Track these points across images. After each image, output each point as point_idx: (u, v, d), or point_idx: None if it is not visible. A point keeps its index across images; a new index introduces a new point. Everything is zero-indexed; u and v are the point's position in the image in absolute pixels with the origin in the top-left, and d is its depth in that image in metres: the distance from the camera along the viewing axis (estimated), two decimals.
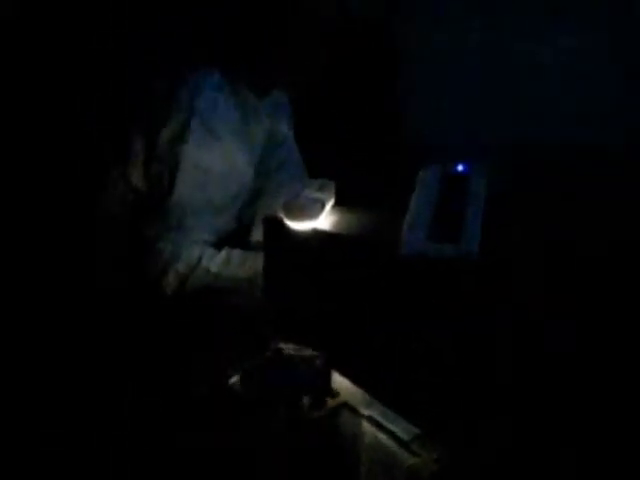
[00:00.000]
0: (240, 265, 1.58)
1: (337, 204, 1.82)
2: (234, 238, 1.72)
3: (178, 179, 1.58)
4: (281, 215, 1.73)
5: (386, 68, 2.07)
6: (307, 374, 1.13)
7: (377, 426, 1.09)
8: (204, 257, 1.57)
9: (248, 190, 1.75)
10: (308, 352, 1.24)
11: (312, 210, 1.76)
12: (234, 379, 1.15)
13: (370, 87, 2.05)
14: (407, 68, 2.10)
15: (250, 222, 1.75)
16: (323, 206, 1.78)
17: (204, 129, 1.60)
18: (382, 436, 1.07)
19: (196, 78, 1.61)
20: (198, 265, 1.56)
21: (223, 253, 1.59)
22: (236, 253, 1.60)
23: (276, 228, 1.62)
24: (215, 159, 1.62)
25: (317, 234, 1.69)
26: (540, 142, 1.98)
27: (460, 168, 1.78)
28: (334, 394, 1.14)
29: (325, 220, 1.77)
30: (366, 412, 1.11)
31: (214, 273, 1.56)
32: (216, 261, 1.58)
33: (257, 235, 1.67)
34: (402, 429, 1.07)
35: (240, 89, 1.67)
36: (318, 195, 1.79)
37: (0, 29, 1.66)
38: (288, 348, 1.25)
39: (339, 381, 1.18)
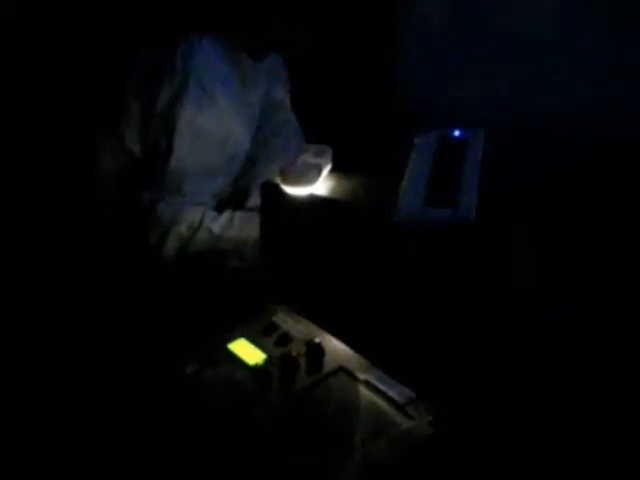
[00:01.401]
0: (242, 226, 1.58)
1: (334, 170, 1.82)
2: (231, 203, 1.73)
3: (176, 142, 1.58)
4: (278, 181, 1.73)
5: (384, 34, 2.06)
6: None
7: (373, 390, 1.10)
8: (206, 219, 1.57)
9: (245, 154, 1.74)
10: (303, 322, 1.25)
11: (309, 176, 1.76)
12: (191, 368, 1.16)
13: (368, 52, 2.04)
14: (406, 33, 2.08)
15: (247, 187, 1.75)
16: (320, 172, 1.78)
17: (200, 91, 1.59)
18: (378, 400, 1.08)
19: (190, 42, 1.60)
20: (200, 226, 1.56)
21: (226, 214, 1.59)
22: (238, 214, 1.60)
23: (273, 193, 1.62)
24: (212, 122, 1.62)
25: (314, 200, 1.69)
26: (538, 109, 1.98)
27: (457, 133, 1.78)
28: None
29: (322, 186, 1.77)
30: (362, 376, 1.12)
31: (217, 234, 1.56)
32: (219, 222, 1.57)
33: (254, 200, 1.67)
34: (398, 393, 1.08)
35: (235, 53, 1.67)
36: (315, 161, 1.79)
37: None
38: (282, 317, 1.26)
39: (336, 346, 1.19)
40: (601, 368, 1.17)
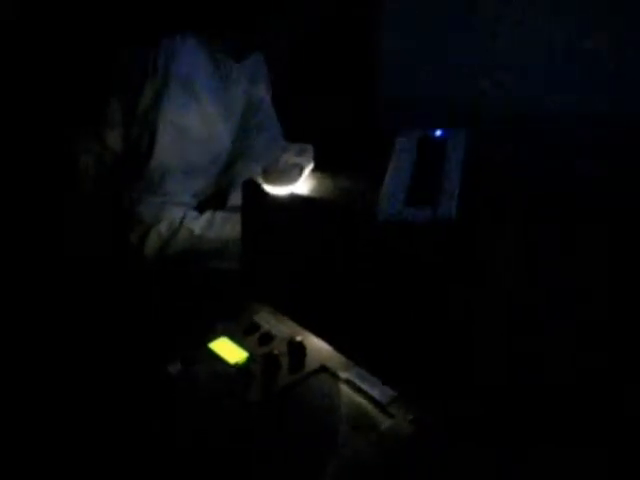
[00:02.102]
0: (223, 226, 1.58)
1: (316, 169, 1.82)
2: (212, 202, 1.72)
3: (157, 142, 1.57)
4: (260, 180, 1.73)
5: (367, 33, 2.06)
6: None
7: (355, 389, 1.10)
8: (186, 219, 1.56)
9: (227, 153, 1.74)
10: (285, 321, 1.25)
11: (291, 175, 1.76)
12: (173, 367, 1.16)
13: (349, 51, 2.04)
14: (389, 28, 2.08)
15: (228, 186, 1.75)
16: (302, 171, 1.78)
17: (182, 91, 1.59)
18: (360, 398, 1.08)
19: (172, 42, 1.59)
20: (181, 226, 1.55)
21: (206, 214, 1.59)
22: (219, 215, 1.59)
23: (255, 193, 1.63)
24: (195, 122, 1.61)
25: (295, 199, 1.69)
26: (522, 108, 1.98)
27: (438, 133, 1.79)
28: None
29: (303, 185, 1.78)
30: (344, 375, 1.12)
31: (197, 235, 1.55)
32: (199, 222, 1.57)
33: (235, 199, 1.67)
34: (379, 391, 1.08)
35: (217, 53, 1.66)
36: (297, 160, 1.80)
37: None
38: (263, 316, 1.26)
39: (318, 344, 1.19)
40: (600, 368, 1.18)
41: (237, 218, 1.57)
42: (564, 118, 1.83)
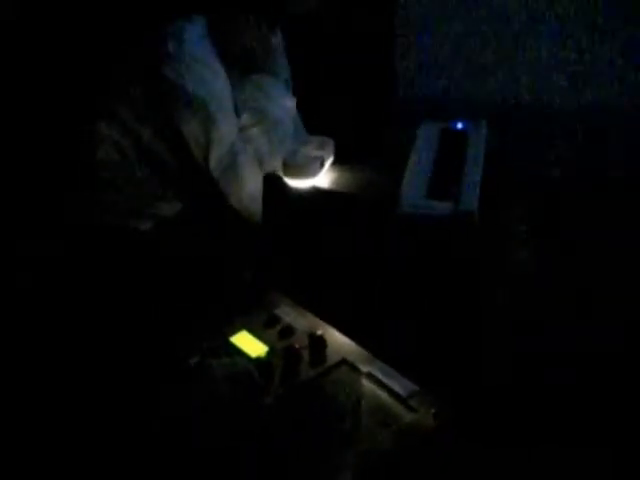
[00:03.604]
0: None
1: (336, 161, 1.82)
2: None
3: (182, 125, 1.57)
4: (280, 173, 1.73)
5: (384, 24, 2.05)
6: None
7: (376, 383, 1.09)
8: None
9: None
10: (305, 314, 1.25)
11: (311, 168, 1.76)
12: (194, 361, 1.15)
13: (369, 43, 2.03)
14: (405, 23, 2.08)
15: None
16: (322, 164, 1.78)
17: (199, 67, 1.58)
18: (381, 393, 1.08)
19: (180, 27, 1.59)
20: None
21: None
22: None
23: (276, 186, 1.62)
24: (223, 91, 1.61)
25: (316, 192, 1.69)
26: (539, 100, 1.98)
27: (459, 125, 1.78)
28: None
29: (324, 178, 1.77)
30: (365, 369, 1.12)
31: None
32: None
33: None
34: (400, 385, 1.08)
35: (227, 36, 1.65)
36: (317, 153, 1.79)
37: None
38: (284, 310, 1.26)
39: (338, 338, 1.18)
40: (602, 366, 1.18)
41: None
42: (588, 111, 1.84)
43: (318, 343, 1.16)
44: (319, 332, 1.17)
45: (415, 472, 0.98)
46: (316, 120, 1.86)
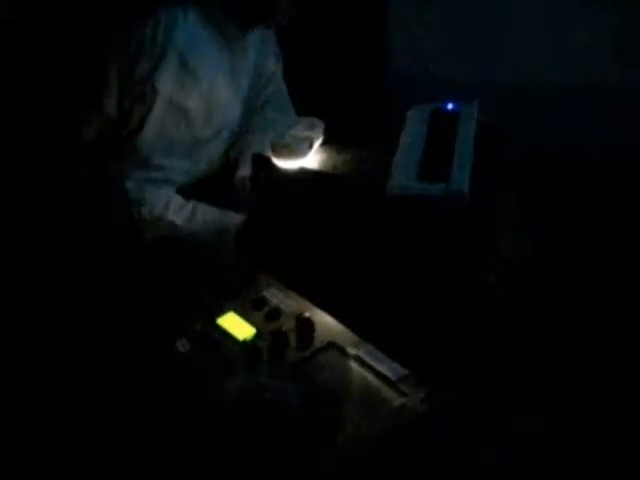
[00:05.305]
0: (204, 220, 1.56)
1: (325, 142, 1.80)
2: (221, 173, 1.71)
3: (149, 116, 1.54)
4: (269, 153, 1.71)
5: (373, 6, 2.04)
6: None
7: (364, 366, 1.08)
8: (170, 208, 1.54)
9: (236, 123, 1.72)
10: (293, 296, 1.23)
11: (300, 149, 1.74)
12: (181, 344, 1.14)
13: (359, 24, 2.02)
14: (395, 3, 2.06)
15: (237, 157, 1.73)
16: (311, 145, 1.77)
17: (180, 66, 1.55)
18: (369, 376, 1.07)
19: (173, 14, 1.56)
20: (163, 216, 1.54)
21: (189, 206, 1.57)
22: (201, 208, 1.57)
23: (264, 166, 1.61)
24: (192, 97, 1.58)
25: (305, 173, 1.68)
26: (530, 82, 1.97)
27: (450, 107, 1.76)
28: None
29: (313, 159, 1.76)
30: (353, 352, 1.10)
31: (179, 225, 1.54)
32: (182, 214, 1.55)
33: (244, 171, 1.65)
34: (390, 369, 1.07)
35: (223, 24, 1.63)
36: (307, 134, 1.78)
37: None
38: (272, 292, 1.24)
39: (327, 321, 1.17)
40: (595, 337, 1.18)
41: (219, 213, 1.55)
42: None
43: (306, 325, 1.15)
44: (307, 314, 1.16)
45: (404, 456, 0.97)
46: (306, 101, 1.84)
